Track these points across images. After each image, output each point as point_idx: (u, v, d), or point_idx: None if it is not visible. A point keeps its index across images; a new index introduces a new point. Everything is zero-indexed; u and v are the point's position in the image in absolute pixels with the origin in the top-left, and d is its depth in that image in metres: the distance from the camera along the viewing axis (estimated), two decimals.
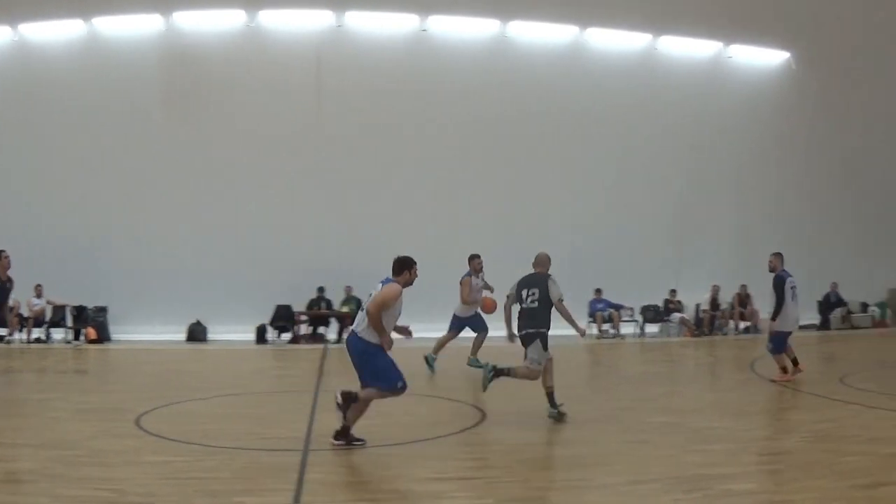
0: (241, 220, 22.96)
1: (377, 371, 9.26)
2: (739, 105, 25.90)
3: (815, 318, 26.73)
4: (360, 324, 9.35)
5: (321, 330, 23.15)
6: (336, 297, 23.17)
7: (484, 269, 16.30)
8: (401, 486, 7.53)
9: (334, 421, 9.09)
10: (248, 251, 22.64)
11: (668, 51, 25.18)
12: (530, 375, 11.12)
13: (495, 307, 14.75)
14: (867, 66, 25.75)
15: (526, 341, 11.26)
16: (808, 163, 26.63)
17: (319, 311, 22.98)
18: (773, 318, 14.21)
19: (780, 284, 14.38)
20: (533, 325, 11.23)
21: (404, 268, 9.68)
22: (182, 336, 22.41)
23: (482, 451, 9.00)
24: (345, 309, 22.66)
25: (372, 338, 9.22)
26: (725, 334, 24.91)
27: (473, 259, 16.24)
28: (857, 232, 27.32)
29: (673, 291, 25.04)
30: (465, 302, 16.04)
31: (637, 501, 7.15)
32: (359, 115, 23.07)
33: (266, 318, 22.64)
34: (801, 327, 26.06)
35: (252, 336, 22.34)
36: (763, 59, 26.40)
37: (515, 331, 11.47)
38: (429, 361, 16.31)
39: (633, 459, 8.64)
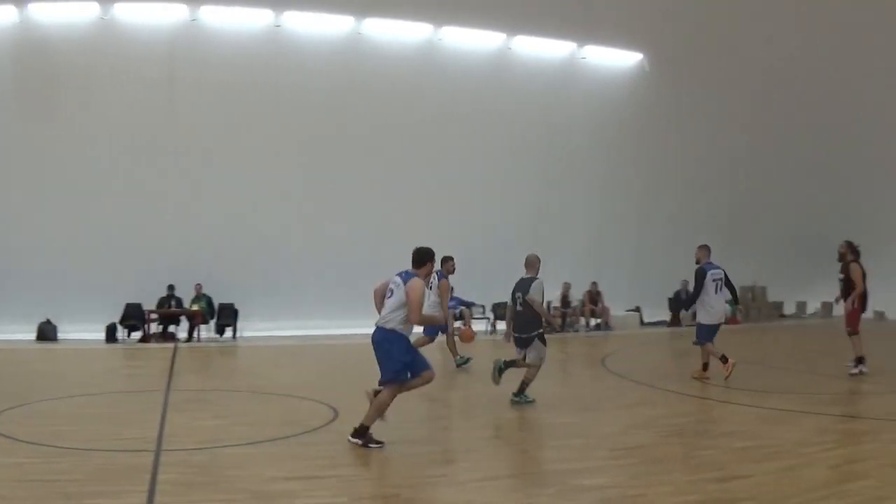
0: (89, 216, 22.07)
1: (393, 365, 9.14)
2: (594, 106, 26.27)
3: (666, 316, 27.43)
4: (382, 319, 9.40)
5: (171, 329, 22.54)
6: (186, 296, 22.65)
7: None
8: (254, 486, 7.35)
9: (187, 420, 8.88)
10: (97, 249, 21.80)
11: (522, 51, 25.22)
12: (536, 371, 12.09)
13: (473, 338, 14.95)
14: (718, 68, 26.47)
15: (523, 344, 12.20)
16: (662, 163, 27.28)
17: (170, 310, 22.36)
18: (686, 308, 14.26)
19: (700, 277, 14.28)
20: (526, 331, 12.18)
21: (426, 260, 9.89)
22: (32, 335, 21.47)
23: (336, 449, 8.84)
24: (195, 307, 22.26)
25: (393, 325, 9.23)
26: (577, 331, 25.33)
27: (447, 261, 16.13)
28: (708, 230, 28.06)
29: None
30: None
31: (492, 497, 7.12)
32: (212, 111, 22.47)
33: (116, 317, 21.94)
34: (652, 324, 26.99)
35: (102, 335, 21.60)
36: (617, 60, 26.81)
37: (513, 332, 12.51)
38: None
39: (487, 456, 8.67)
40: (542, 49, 25.41)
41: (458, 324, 16.05)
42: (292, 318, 23.34)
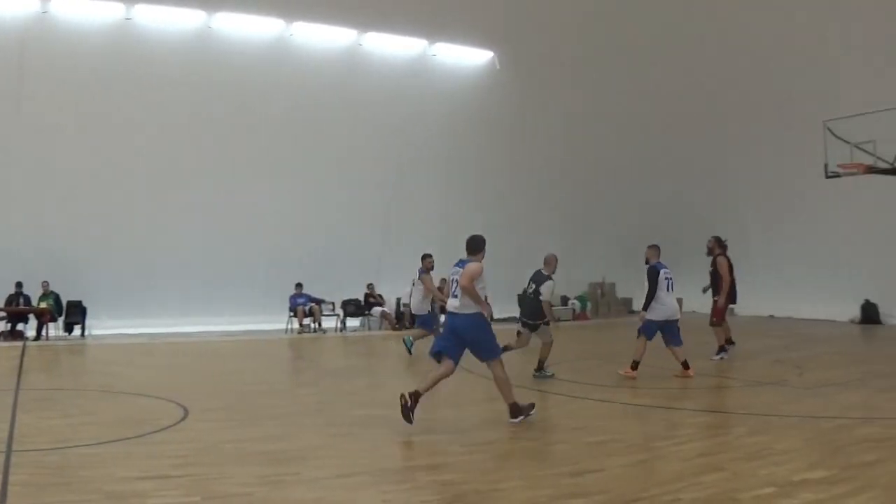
0: None
1: (489, 341, 10.37)
2: (445, 104, 26.45)
3: (516, 312, 27.66)
4: (458, 306, 10.26)
5: (20, 327, 21.82)
6: (35, 293, 21.91)
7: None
8: (107, 486, 7.06)
9: (37, 420, 8.62)
10: None
11: (374, 48, 25.20)
12: (549, 349, 14.43)
13: None
14: (566, 67, 26.94)
15: (533, 329, 14.50)
16: (513, 160, 27.63)
17: (17, 308, 21.60)
18: (645, 307, 14.30)
19: (653, 275, 14.34)
20: (535, 318, 14.41)
21: (480, 247, 10.83)
22: None
23: (187, 448, 8.61)
24: (42, 305, 21.62)
25: (473, 309, 10.16)
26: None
27: (426, 258, 18.28)
28: (558, 227, 28.63)
29: (370, 285, 25.25)
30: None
31: (345, 494, 7.03)
32: (59, 106, 21.74)
33: None
34: (501, 320, 27.16)
35: None
36: (468, 57, 26.99)
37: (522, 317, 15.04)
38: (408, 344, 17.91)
39: (339, 453, 8.55)
40: (393, 46, 25.44)
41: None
42: (141, 316, 22.84)
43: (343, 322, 24.93)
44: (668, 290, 14.41)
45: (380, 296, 25.48)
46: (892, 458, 8.13)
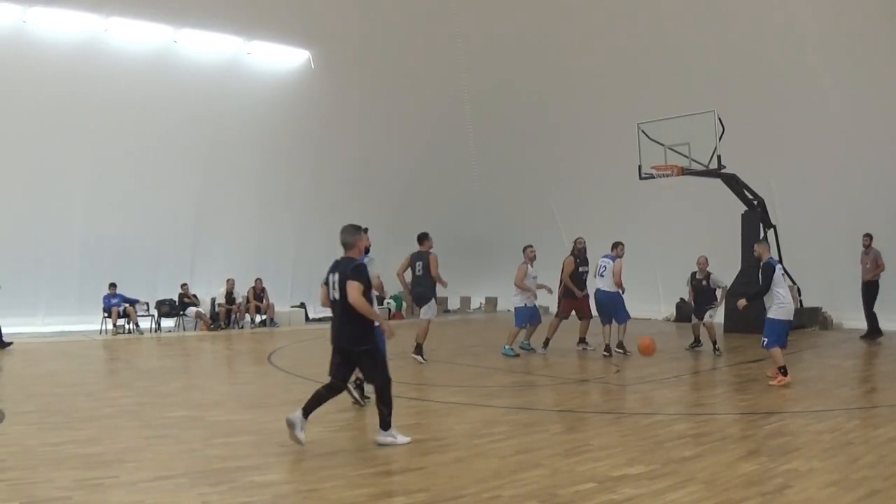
0: None
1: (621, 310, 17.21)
2: (260, 101, 26.36)
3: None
4: (606, 285, 17.15)
5: None
6: None
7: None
8: None
9: None
10: None
11: (188, 45, 24.83)
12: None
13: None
14: (380, 67, 27.26)
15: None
16: (328, 160, 27.76)
17: None
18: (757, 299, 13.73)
19: (769, 272, 13.33)
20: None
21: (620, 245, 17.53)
22: None
23: (3, 452, 8.37)
24: None
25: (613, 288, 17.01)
26: (242, 328, 25.30)
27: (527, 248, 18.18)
28: (370, 226, 28.81)
29: (184, 285, 25.01)
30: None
31: (163, 497, 7.03)
32: None
33: None
34: (317, 320, 27.41)
35: None
36: (284, 57, 26.96)
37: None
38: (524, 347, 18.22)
39: (156, 455, 8.52)
40: (208, 44, 25.10)
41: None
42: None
43: (158, 323, 24.57)
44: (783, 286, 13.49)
45: (194, 296, 25.24)
46: (710, 453, 8.44)
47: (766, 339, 13.21)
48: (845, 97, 21.59)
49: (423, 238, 16.79)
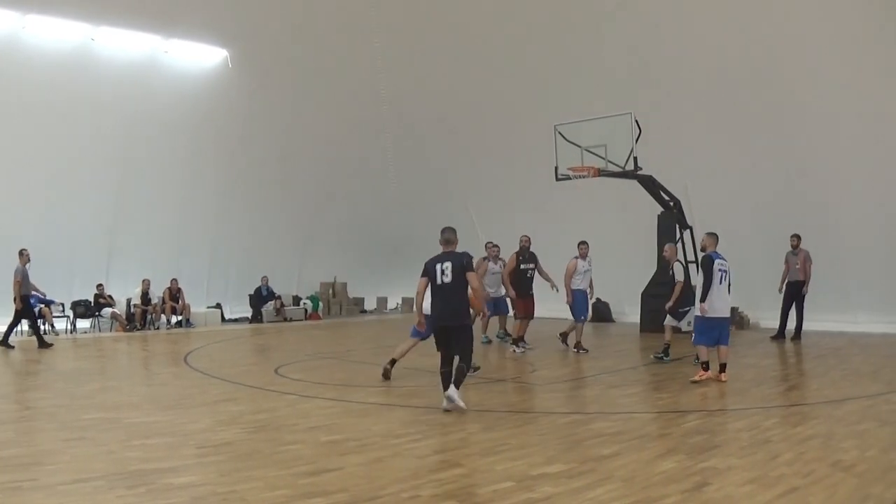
0: None
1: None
2: (178, 100, 26.17)
3: (247, 312, 27.97)
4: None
5: None
6: None
7: None
8: None
9: None
10: None
11: (106, 43, 24.55)
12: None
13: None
14: (297, 68, 27.28)
15: None
16: (245, 161, 27.72)
17: None
18: (702, 299, 13.57)
19: (708, 265, 13.45)
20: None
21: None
22: None
23: None
24: None
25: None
26: (158, 328, 25.19)
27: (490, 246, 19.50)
28: (290, 228, 28.96)
29: (100, 286, 24.82)
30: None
31: (82, 500, 7.04)
32: None
33: None
34: (234, 320, 27.41)
35: None
36: (201, 56, 26.84)
37: None
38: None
39: (73, 457, 8.52)
40: (125, 42, 24.84)
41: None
42: None
43: (73, 324, 24.37)
44: (720, 283, 13.40)
45: (110, 296, 25.07)
46: (628, 451, 8.55)
47: (694, 335, 13.74)
48: (760, 97, 21.93)
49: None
